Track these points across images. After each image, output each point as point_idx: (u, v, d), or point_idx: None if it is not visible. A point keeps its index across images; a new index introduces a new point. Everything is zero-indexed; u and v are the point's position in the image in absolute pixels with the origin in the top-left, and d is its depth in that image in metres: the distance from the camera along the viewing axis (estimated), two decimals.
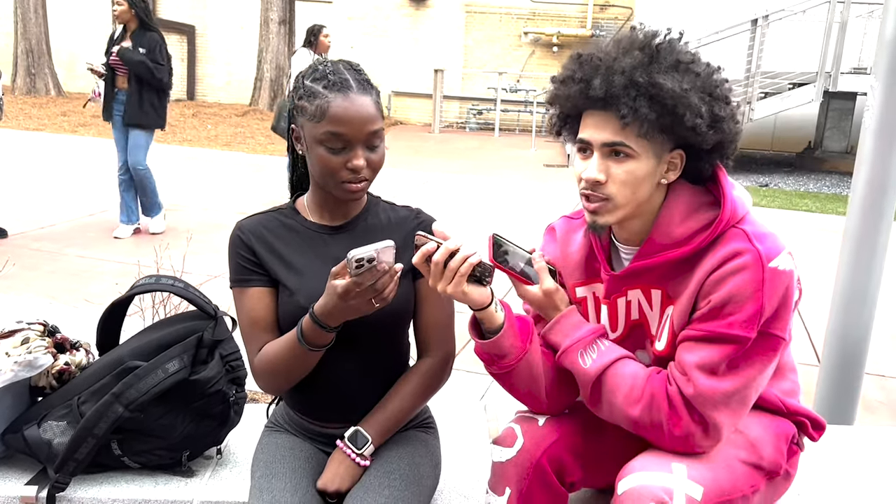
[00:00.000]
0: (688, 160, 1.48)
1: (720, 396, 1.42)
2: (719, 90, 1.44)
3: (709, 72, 1.45)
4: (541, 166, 11.06)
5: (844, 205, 8.83)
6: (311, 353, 1.54)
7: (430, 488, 1.66)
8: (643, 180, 1.44)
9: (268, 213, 1.70)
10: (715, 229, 1.44)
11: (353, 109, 1.52)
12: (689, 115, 1.39)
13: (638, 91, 1.39)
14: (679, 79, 1.40)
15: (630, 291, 1.56)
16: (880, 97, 2.55)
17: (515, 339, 1.52)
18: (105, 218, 6.56)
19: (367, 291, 1.42)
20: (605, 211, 1.47)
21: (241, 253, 1.64)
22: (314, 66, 1.59)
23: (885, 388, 3.88)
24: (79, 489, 1.79)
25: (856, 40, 10.98)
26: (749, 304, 1.39)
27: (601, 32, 15.42)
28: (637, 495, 1.38)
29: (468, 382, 3.57)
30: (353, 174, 1.54)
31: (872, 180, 2.60)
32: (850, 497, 1.93)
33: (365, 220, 1.69)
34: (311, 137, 1.54)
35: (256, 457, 1.68)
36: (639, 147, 1.42)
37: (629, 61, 1.41)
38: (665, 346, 1.52)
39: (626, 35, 1.48)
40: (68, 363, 1.87)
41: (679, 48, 1.45)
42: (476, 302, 1.47)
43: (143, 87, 5.69)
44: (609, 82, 1.41)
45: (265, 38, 14.77)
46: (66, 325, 2.01)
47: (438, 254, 1.43)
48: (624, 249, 1.58)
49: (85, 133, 11.61)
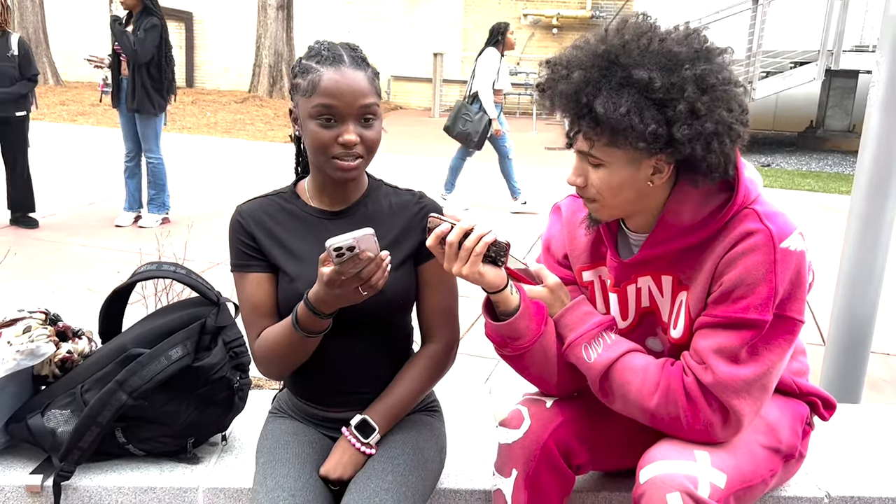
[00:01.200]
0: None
1: (741, 384, 1.40)
2: (683, 105, 1.31)
3: (677, 81, 1.32)
4: (542, 149, 11.02)
5: (847, 184, 8.81)
6: (308, 339, 1.53)
7: (435, 472, 1.65)
8: (622, 186, 1.41)
9: (268, 197, 1.68)
10: (727, 213, 1.42)
11: (344, 82, 1.49)
12: (631, 136, 1.33)
13: (581, 113, 1.36)
14: (621, 100, 1.31)
15: (640, 279, 1.54)
16: (886, 73, 2.52)
17: (531, 322, 1.51)
18: (106, 207, 6.55)
19: (352, 280, 1.40)
20: (594, 209, 1.47)
21: (241, 238, 1.62)
22: (310, 46, 1.57)
23: (890, 366, 3.87)
24: (84, 477, 1.79)
25: (857, 18, 10.90)
26: (762, 285, 1.37)
27: (601, 14, 15.33)
28: (661, 483, 1.36)
29: (473, 366, 3.57)
30: (344, 149, 1.51)
31: (878, 158, 2.58)
32: (857, 475, 1.93)
33: (366, 205, 1.66)
34: (304, 113, 1.52)
35: (261, 443, 1.68)
36: (608, 156, 1.39)
37: (578, 77, 1.36)
38: (682, 334, 1.50)
39: (596, 36, 1.42)
40: (71, 351, 1.86)
41: (639, 55, 1.34)
42: (492, 283, 1.45)
43: (138, 72, 5.71)
44: (554, 101, 1.41)
45: (263, 24, 14.70)
46: (68, 314, 2.00)
47: (453, 234, 1.41)
48: (633, 236, 1.55)
49: (84, 122, 11.57)
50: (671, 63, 1.33)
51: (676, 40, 1.37)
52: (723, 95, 1.35)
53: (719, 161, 1.37)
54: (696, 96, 1.32)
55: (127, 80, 5.77)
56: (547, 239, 1.70)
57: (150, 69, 5.73)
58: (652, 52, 1.34)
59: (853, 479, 1.91)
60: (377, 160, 1.62)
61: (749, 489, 1.47)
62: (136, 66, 5.68)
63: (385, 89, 16.01)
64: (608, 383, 1.50)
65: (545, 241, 1.71)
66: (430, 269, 1.65)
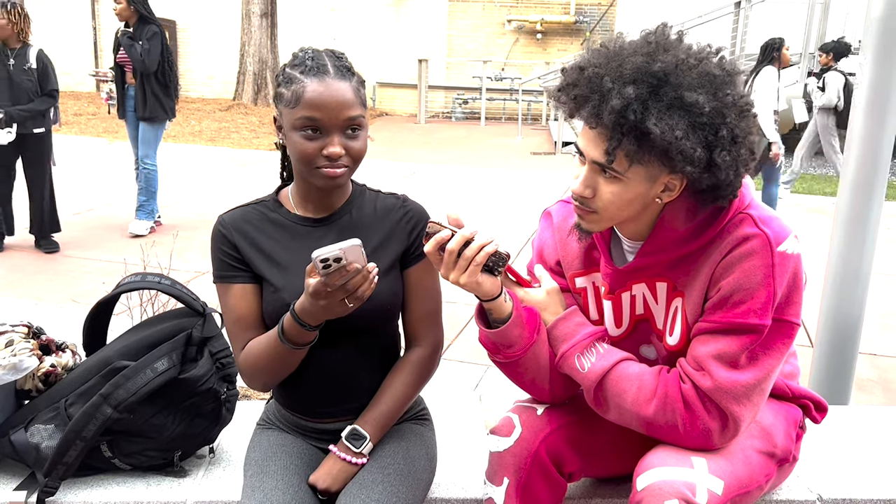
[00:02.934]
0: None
1: (741, 389, 1.39)
2: (725, 131, 1.30)
3: (719, 106, 1.31)
4: (528, 154, 11.04)
5: (831, 185, 8.87)
6: (295, 350, 1.51)
7: (425, 482, 1.64)
8: (631, 201, 1.38)
9: (250, 206, 1.66)
10: (723, 219, 1.41)
11: (328, 94, 1.47)
12: (679, 160, 1.30)
13: (626, 129, 1.30)
14: (675, 122, 1.28)
15: (635, 286, 1.52)
16: (869, 75, 2.53)
17: (523, 329, 1.49)
18: (90, 217, 6.49)
19: (338, 292, 1.38)
20: (591, 221, 1.44)
21: (224, 248, 1.60)
22: (294, 54, 1.56)
23: (877, 366, 3.89)
24: (69, 493, 1.76)
25: (838, 20, 11.00)
26: (761, 290, 1.36)
27: (584, 19, 15.39)
28: (659, 491, 1.35)
29: (462, 373, 3.56)
30: (329, 161, 1.50)
31: (863, 159, 2.59)
32: (848, 477, 1.93)
33: (350, 211, 1.65)
34: (289, 124, 1.51)
35: (248, 455, 1.66)
36: (628, 172, 1.35)
37: (628, 92, 1.29)
38: (679, 340, 1.49)
39: (643, 49, 1.35)
40: (54, 365, 1.83)
41: (690, 76, 1.31)
42: (488, 292, 1.44)
43: (146, 81, 5.72)
44: (598, 113, 1.32)
45: (247, 32, 14.65)
46: (52, 326, 1.97)
47: (454, 242, 1.38)
48: (627, 243, 1.53)
49: (67, 132, 11.48)
50: (712, 86, 1.31)
51: (711, 61, 1.35)
52: (753, 121, 1.35)
53: (739, 185, 1.37)
54: (736, 122, 1.32)
55: (135, 89, 5.78)
56: (539, 246, 1.68)
57: (158, 76, 5.75)
58: (698, 74, 1.31)
59: (844, 481, 1.91)
60: (364, 167, 1.61)
61: (746, 495, 1.46)
62: (144, 75, 5.68)
63: (370, 95, 16.00)
64: (603, 393, 1.48)
65: (537, 247, 1.69)
66: (415, 273, 1.64)
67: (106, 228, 6.17)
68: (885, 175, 2.62)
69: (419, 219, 1.65)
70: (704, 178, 1.32)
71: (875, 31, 2.51)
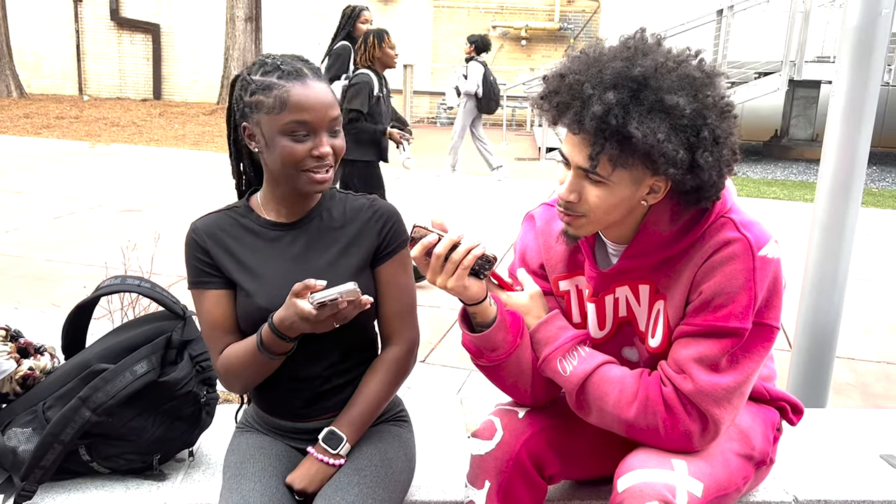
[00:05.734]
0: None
1: (722, 392, 1.40)
2: (707, 132, 1.32)
3: (699, 108, 1.32)
4: (512, 159, 11.06)
5: (811, 192, 8.96)
6: (272, 359, 1.53)
7: (403, 483, 1.64)
8: (617, 205, 1.39)
9: (222, 212, 1.66)
10: (705, 222, 1.42)
11: (314, 96, 1.50)
12: (662, 162, 1.31)
13: (608, 134, 1.31)
14: (656, 125, 1.29)
15: (618, 288, 1.53)
16: (846, 84, 2.57)
17: (507, 334, 1.50)
18: (72, 220, 6.44)
19: (327, 319, 1.44)
20: (578, 226, 1.44)
21: (197, 255, 1.61)
22: (259, 62, 1.56)
23: (855, 370, 3.93)
24: (46, 497, 1.75)
25: (819, 29, 11.13)
26: (742, 294, 1.38)
27: (569, 26, 15.48)
28: (639, 493, 1.36)
29: (445, 377, 3.56)
30: (318, 161, 1.52)
31: (840, 165, 2.62)
32: (824, 479, 1.95)
33: (320, 214, 1.66)
34: (273, 130, 1.51)
35: (227, 458, 1.65)
36: (613, 176, 1.36)
37: (608, 98, 1.30)
38: (660, 343, 1.50)
39: (622, 54, 1.36)
40: (32, 368, 1.82)
41: (670, 79, 1.32)
42: (474, 296, 1.44)
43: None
44: (580, 119, 1.33)
45: (231, 36, 14.61)
46: (32, 330, 1.96)
47: (441, 245, 1.38)
48: (611, 246, 1.54)
49: (48, 135, 11.39)
50: (692, 88, 1.33)
51: (690, 64, 1.36)
52: (733, 121, 1.37)
53: (723, 186, 1.38)
54: (717, 122, 1.33)
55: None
56: (521, 249, 1.68)
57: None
58: (678, 77, 1.33)
59: (820, 483, 1.93)
60: None
61: (724, 497, 1.47)
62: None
63: None
64: (585, 396, 1.49)
65: (520, 251, 1.69)
66: (386, 271, 1.65)
67: (88, 232, 6.12)
68: (862, 181, 2.66)
69: (388, 217, 1.66)
70: (688, 179, 1.34)
71: (851, 40, 2.55)
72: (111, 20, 16.50)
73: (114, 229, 6.07)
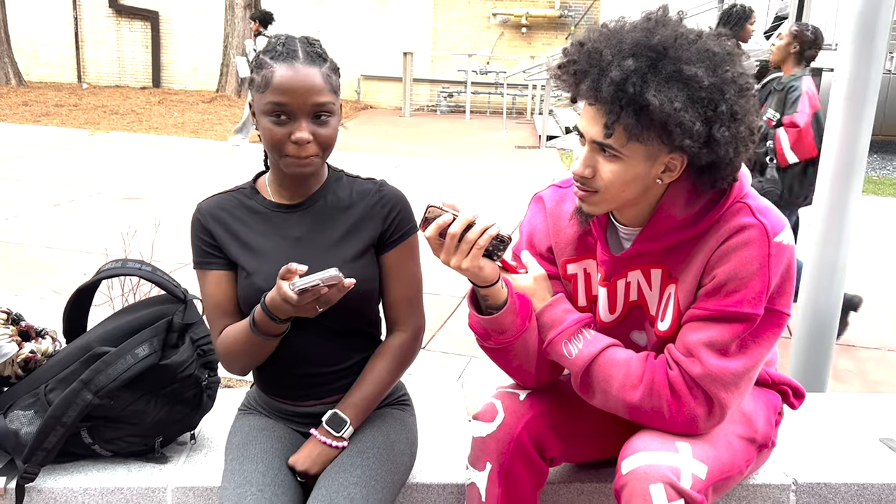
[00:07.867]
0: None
1: (730, 377, 1.40)
2: (724, 106, 1.31)
3: (718, 82, 1.31)
4: (512, 148, 11.04)
5: None
6: (267, 341, 1.53)
7: (405, 466, 1.65)
8: (631, 181, 1.38)
9: (228, 194, 1.67)
10: (722, 206, 1.41)
11: (297, 79, 1.48)
12: (677, 133, 1.30)
13: (625, 102, 1.30)
14: (673, 94, 1.28)
15: (630, 273, 1.53)
16: (848, 68, 2.56)
17: (516, 317, 1.49)
18: (71, 207, 6.44)
19: (309, 303, 1.43)
20: (593, 202, 1.43)
21: (200, 235, 1.62)
22: (270, 40, 1.56)
23: (855, 357, 3.94)
24: (48, 479, 1.75)
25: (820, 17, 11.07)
26: (756, 280, 1.38)
27: (569, 13, 15.41)
28: (644, 475, 1.36)
29: (446, 364, 3.57)
30: (297, 147, 1.50)
31: (841, 153, 2.62)
32: (824, 462, 1.96)
33: (325, 197, 1.65)
34: (259, 109, 1.52)
35: (229, 439, 1.66)
36: (627, 150, 1.35)
37: (627, 65, 1.30)
38: (670, 327, 1.49)
39: (642, 25, 1.36)
40: (34, 351, 1.82)
41: (689, 51, 1.32)
42: (487, 277, 1.43)
43: None
44: (598, 86, 1.32)
45: (230, 23, 14.55)
46: (33, 317, 1.96)
47: (456, 225, 1.37)
48: (623, 230, 1.53)
49: (48, 123, 11.36)
50: (712, 62, 1.32)
51: (710, 39, 1.35)
52: (753, 100, 1.36)
53: (739, 165, 1.37)
54: (736, 98, 1.32)
55: None
56: (529, 231, 1.67)
57: None
58: (698, 49, 1.32)
59: (819, 466, 1.94)
60: (349, 161, 1.61)
61: (727, 479, 1.48)
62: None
63: (355, 88, 15.95)
64: (590, 378, 1.49)
65: (527, 233, 1.67)
66: (393, 258, 1.65)
67: (87, 220, 6.12)
68: (863, 169, 2.66)
69: (395, 202, 1.65)
70: (703, 153, 1.33)
71: (854, 25, 2.54)
72: (110, 7, 16.42)
73: (113, 217, 6.07)
